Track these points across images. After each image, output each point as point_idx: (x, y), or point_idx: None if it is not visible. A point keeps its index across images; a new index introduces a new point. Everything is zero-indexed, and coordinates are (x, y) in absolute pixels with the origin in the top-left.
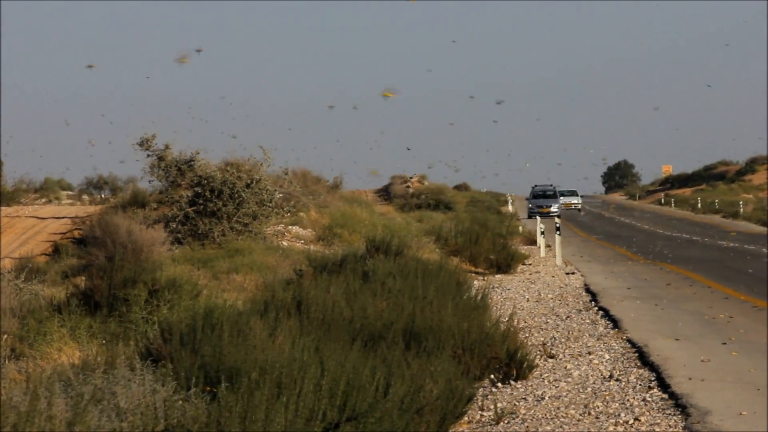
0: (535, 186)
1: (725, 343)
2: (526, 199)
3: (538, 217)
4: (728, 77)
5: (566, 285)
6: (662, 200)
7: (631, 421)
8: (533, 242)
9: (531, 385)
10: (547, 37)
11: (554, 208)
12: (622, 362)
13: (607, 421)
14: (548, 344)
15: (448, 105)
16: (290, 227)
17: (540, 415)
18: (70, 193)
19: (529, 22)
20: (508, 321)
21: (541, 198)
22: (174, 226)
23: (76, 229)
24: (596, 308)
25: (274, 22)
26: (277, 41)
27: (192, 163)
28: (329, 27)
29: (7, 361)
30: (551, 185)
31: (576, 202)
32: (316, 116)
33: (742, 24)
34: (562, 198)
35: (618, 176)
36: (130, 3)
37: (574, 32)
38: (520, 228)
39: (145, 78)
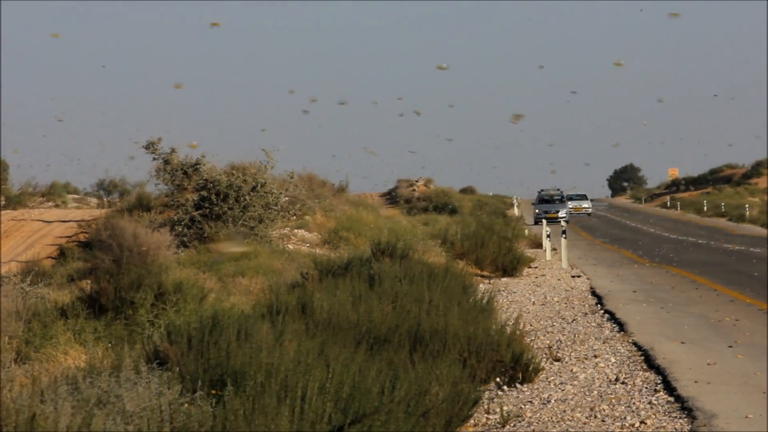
0: (542, 190)
1: (731, 347)
2: (532, 204)
3: (545, 221)
4: (733, 78)
5: (572, 288)
6: (668, 203)
7: (637, 424)
8: (539, 245)
9: (537, 388)
10: (550, 39)
11: (562, 213)
12: (628, 365)
13: (613, 424)
14: (554, 347)
15: (450, 106)
16: (296, 230)
17: (546, 419)
18: (76, 196)
19: (534, 23)
20: (513, 324)
21: (548, 203)
22: (180, 229)
23: (82, 232)
24: (602, 311)
25: (277, 22)
26: (277, 42)
27: (198, 166)
28: (333, 28)
29: (13, 365)
30: (558, 189)
31: (586, 206)
32: (321, 118)
33: (748, 24)
34: (571, 202)
35: (624, 179)
36: (132, 3)
37: (577, 33)
38: (526, 231)
39: (154, 81)
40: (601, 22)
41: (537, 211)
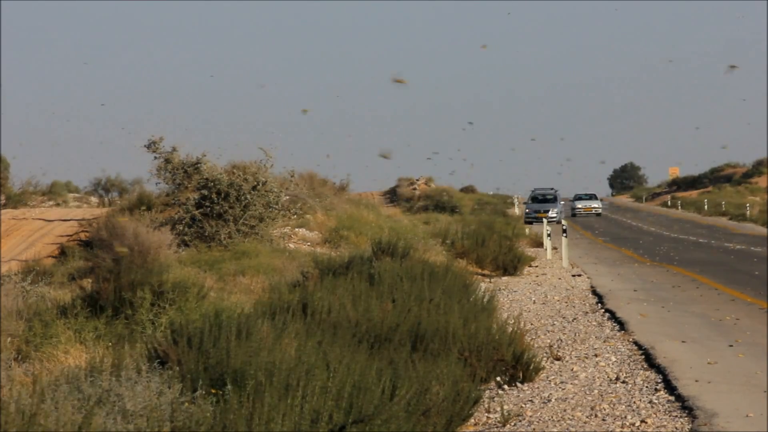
0: (535, 189)
1: (732, 346)
2: (524, 203)
3: (545, 221)
4: (734, 78)
5: (573, 287)
6: (669, 202)
7: (638, 423)
8: (540, 244)
9: (537, 388)
10: (551, 39)
11: (553, 213)
12: (629, 364)
13: (613, 423)
14: (555, 346)
15: (451, 106)
16: (297, 229)
17: (546, 417)
18: (77, 195)
19: (534, 22)
20: (514, 323)
21: (539, 202)
22: (180, 228)
23: (82, 231)
24: (603, 310)
25: (279, 22)
26: (280, 42)
27: (198, 165)
28: (334, 28)
29: (13, 364)
30: (552, 188)
31: (596, 206)
32: (322, 118)
33: (748, 23)
34: (580, 202)
35: (624, 178)
36: (132, 3)
37: (579, 33)
38: (527, 230)
39: (152, 76)
40: (602, 21)
41: (527, 210)
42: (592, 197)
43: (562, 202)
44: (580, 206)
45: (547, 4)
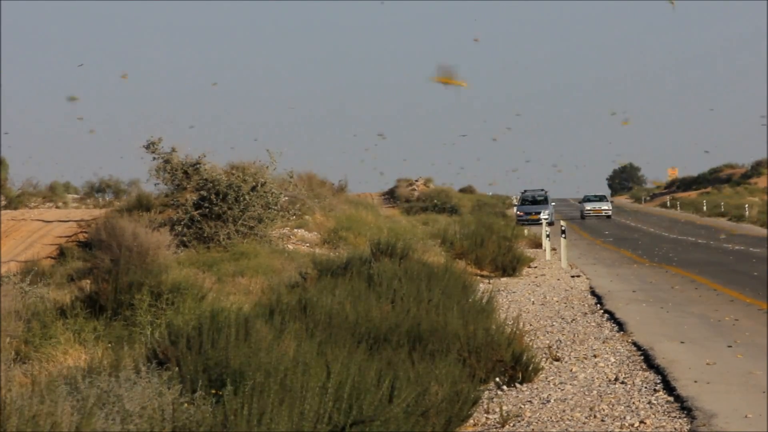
0: (525, 191)
1: (731, 346)
2: (514, 205)
3: (543, 222)
4: (733, 79)
5: (572, 288)
6: (668, 203)
7: (637, 424)
8: (539, 245)
9: (536, 388)
10: (551, 40)
11: (544, 215)
12: (628, 365)
13: (612, 423)
14: (554, 347)
15: (453, 107)
16: (296, 230)
17: (545, 418)
18: (76, 196)
19: (534, 23)
20: (513, 324)
21: (530, 204)
22: (179, 229)
23: (81, 232)
24: (602, 311)
25: (281, 22)
26: (281, 42)
27: (198, 166)
28: (334, 28)
29: (13, 365)
30: (542, 190)
31: (606, 208)
32: (322, 118)
33: (747, 24)
34: (588, 204)
35: (624, 179)
36: (132, 3)
37: (580, 34)
38: (526, 231)
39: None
40: (601, 21)
41: (519, 213)
42: (601, 199)
43: (553, 203)
44: (589, 208)
45: (547, 4)
